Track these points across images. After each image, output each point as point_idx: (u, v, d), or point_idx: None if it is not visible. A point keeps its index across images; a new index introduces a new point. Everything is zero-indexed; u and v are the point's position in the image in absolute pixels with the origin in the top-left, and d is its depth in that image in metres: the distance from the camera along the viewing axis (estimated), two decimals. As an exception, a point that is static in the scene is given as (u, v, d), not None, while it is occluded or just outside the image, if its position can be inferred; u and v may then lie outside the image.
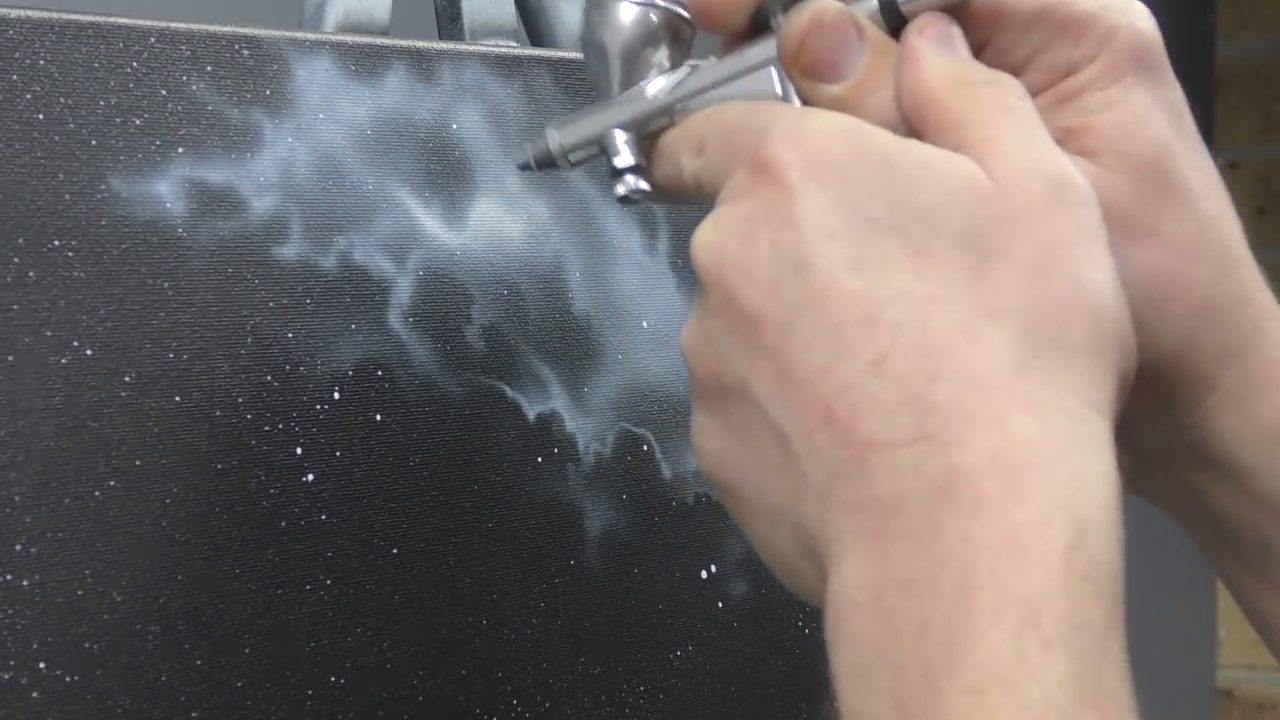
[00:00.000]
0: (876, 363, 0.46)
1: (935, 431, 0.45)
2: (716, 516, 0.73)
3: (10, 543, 0.58)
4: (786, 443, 0.47)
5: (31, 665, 0.59)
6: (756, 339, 0.48)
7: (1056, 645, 0.42)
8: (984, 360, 0.45)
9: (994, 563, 0.43)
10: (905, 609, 0.44)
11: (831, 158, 0.48)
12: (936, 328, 0.46)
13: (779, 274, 0.47)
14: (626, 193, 0.55)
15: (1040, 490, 0.44)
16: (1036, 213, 0.47)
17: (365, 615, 0.65)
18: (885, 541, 0.45)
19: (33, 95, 0.59)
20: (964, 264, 0.46)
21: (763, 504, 0.49)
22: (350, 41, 0.66)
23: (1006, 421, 0.45)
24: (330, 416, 0.65)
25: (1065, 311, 0.46)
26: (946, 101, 0.49)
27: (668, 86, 0.55)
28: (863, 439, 0.46)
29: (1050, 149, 0.48)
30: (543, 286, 0.70)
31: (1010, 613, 0.43)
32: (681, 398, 0.73)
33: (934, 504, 0.44)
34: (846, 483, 0.46)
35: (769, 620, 0.75)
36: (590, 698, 0.70)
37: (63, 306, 0.59)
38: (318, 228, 0.65)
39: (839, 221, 0.47)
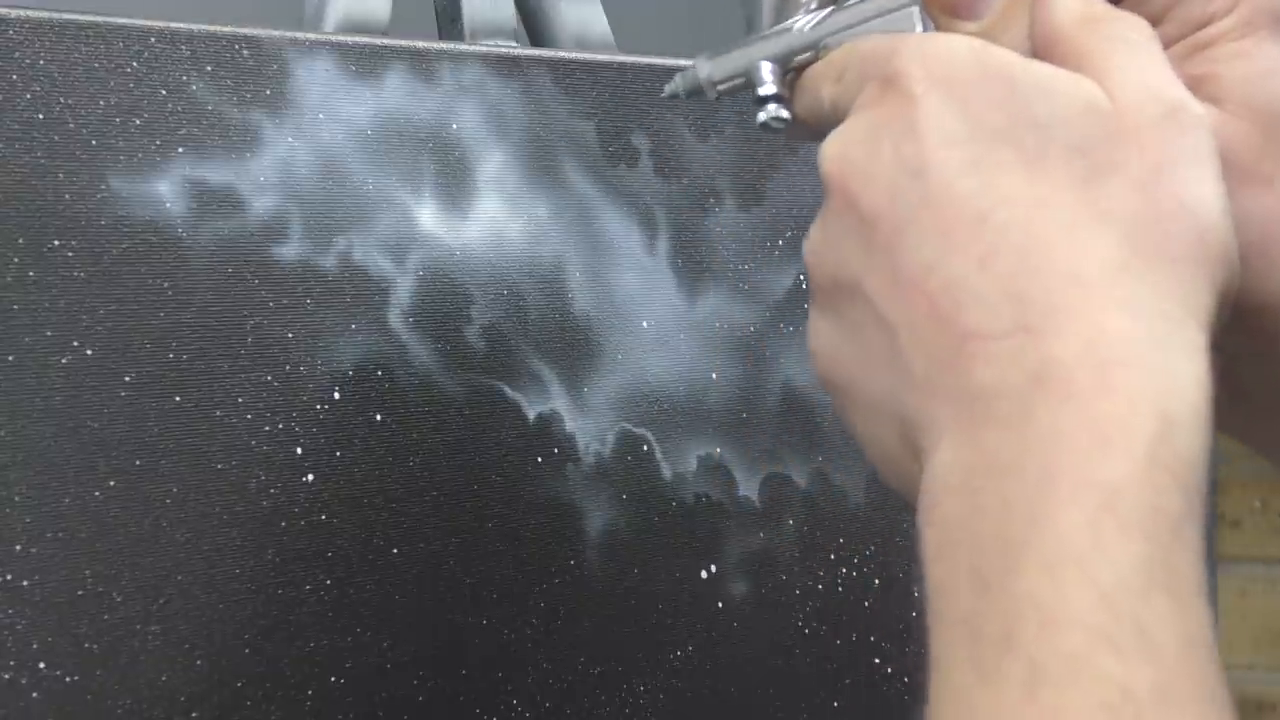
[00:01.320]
0: (982, 259, 0.48)
1: (1034, 324, 0.47)
2: (716, 516, 0.73)
3: (10, 543, 0.58)
4: (894, 336, 0.49)
5: (31, 665, 0.59)
6: (873, 239, 0.50)
7: (1132, 528, 0.44)
8: (1085, 260, 0.47)
9: (1078, 449, 0.45)
10: (991, 490, 0.46)
11: (955, 71, 0.50)
12: (1042, 228, 0.48)
13: (898, 177, 0.50)
14: (768, 119, 0.57)
15: (1129, 384, 0.46)
16: (1149, 131, 0.49)
17: (365, 615, 0.65)
18: (978, 428, 0.47)
19: (33, 95, 0.59)
20: (1075, 173, 0.49)
21: (869, 397, 0.51)
22: (350, 41, 0.66)
23: (1102, 318, 0.47)
24: (330, 416, 0.65)
25: (1169, 221, 0.48)
26: (1074, 35, 0.52)
27: (814, 22, 0.58)
28: (964, 331, 0.48)
29: (1169, 78, 0.50)
30: (543, 286, 0.70)
31: (1089, 496, 0.44)
32: (681, 398, 0.73)
33: (1027, 393, 0.46)
34: (946, 372, 0.48)
35: (769, 620, 0.75)
36: (590, 698, 0.70)
37: (63, 306, 0.59)
38: (318, 228, 0.65)
39: (958, 129, 0.49)
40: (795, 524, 0.75)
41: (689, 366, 0.73)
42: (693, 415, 0.73)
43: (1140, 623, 0.43)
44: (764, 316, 0.75)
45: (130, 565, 0.61)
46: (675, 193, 0.73)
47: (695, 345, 0.73)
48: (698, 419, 0.73)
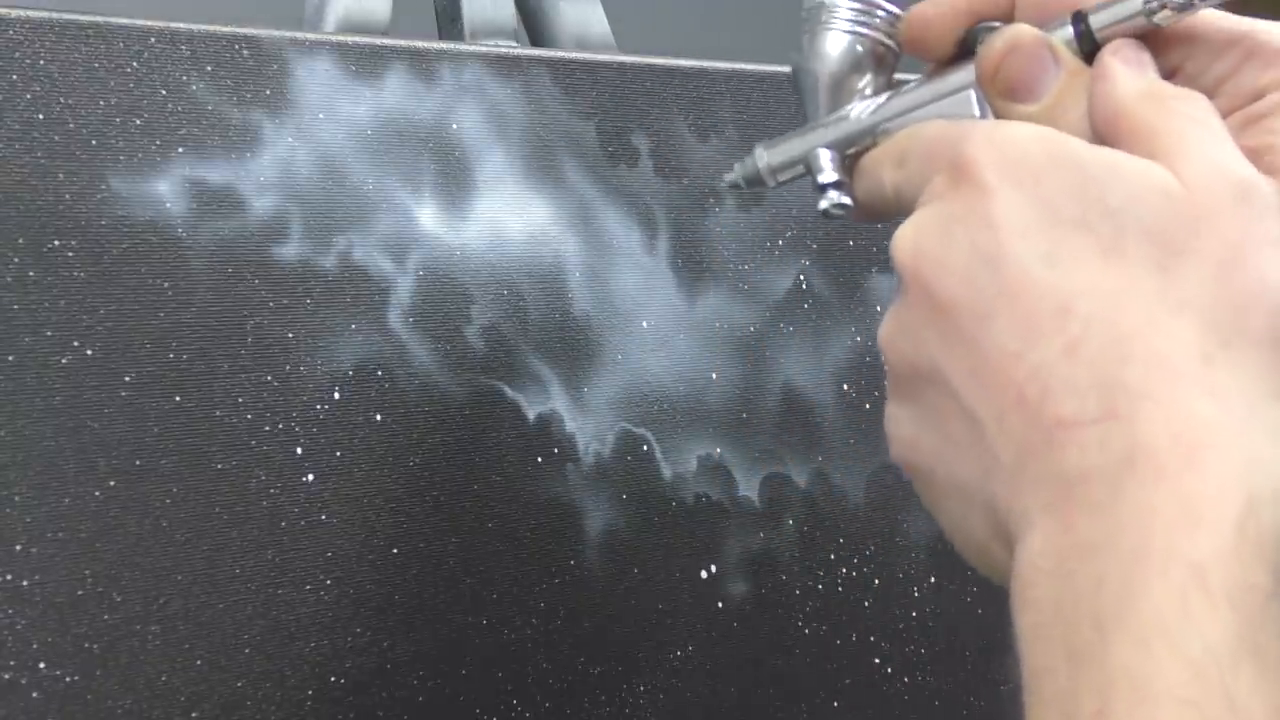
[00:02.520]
0: (1068, 349, 0.49)
1: (1121, 410, 0.48)
2: (716, 516, 0.73)
3: (10, 543, 0.58)
4: (978, 425, 0.50)
5: (31, 665, 0.59)
6: (952, 328, 0.51)
7: (1221, 602, 0.45)
8: (1169, 347, 0.48)
9: (1168, 527, 0.46)
10: (1084, 570, 0.47)
11: (1026, 160, 0.51)
12: (1125, 317, 0.49)
13: (975, 268, 0.50)
14: (829, 206, 0.58)
15: (1216, 465, 0.47)
16: (1222, 213, 0.49)
17: (365, 615, 0.65)
18: (1069, 511, 0.48)
19: (33, 95, 0.59)
20: (1151, 260, 0.49)
21: (954, 486, 0.52)
22: (350, 41, 0.66)
23: (1189, 404, 0.47)
24: (330, 416, 0.65)
25: (1248, 305, 0.49)
26: (1138, 113, 0.52)
27: (871, 108, 0.58)
28: (1053, 419, 0.48)
29: (1237, 156, 0.51)
30: (543, 286, 0.70)
31: (1180, 571, 0.45)
32: (681, 398, 0.73)
33: (1117, 476, 0.47)
34: (1036, 460, 0.48)
35: (769, 620, 0.74)
36: (590, 698, 0.70)
37: (63, 306, 0.59)
38: (318, 228, 0.65)
39: (1033, 219, 0.50)
40: (795, 524, 0.75)
41: (689, 366, 0.73)
42: (693, 415, 0.73)
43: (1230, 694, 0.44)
44: (764, 316, 0.75)
45: (130, 565, 0.61)
46: (675, 193, 0.73)
47: (695, 345, 0.73)
48: (698, 419, 0.73)
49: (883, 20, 0.59)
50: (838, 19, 0.59)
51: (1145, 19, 0.54)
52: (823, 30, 0.59)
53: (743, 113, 0.75)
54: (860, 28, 0.59)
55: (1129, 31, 0.55)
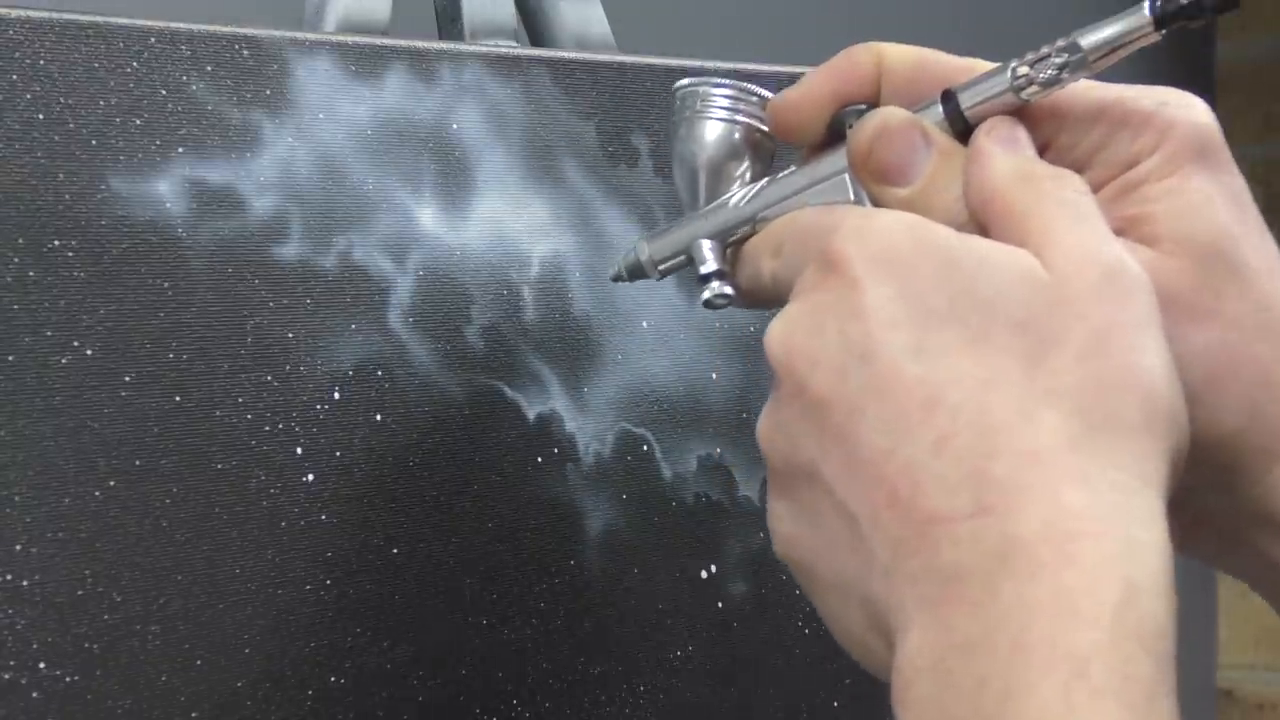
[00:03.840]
0: (937, 443, 0.48)
1: (993, 504, 0.47)
2: (716, 516, 0.73)
3: (10, 543, 0.58)
4: (854, 522, 0.50)
5: (31, 665, 0.59)
6: (825, 424, 0.50)
7: (1107, 697, 0.44)
8: (1038, 438, 0.48)
9: (1046, 621, 0.45)
10: (964, 669, 0.46)
11: (894, 252, 0.50)
12: (993, 409, 0.48)
13: (845, 362, 0.50)
14: (712, 296, 0.58)
15: (1091, 555, 0.46)
16: (1090, 300, 0.49)
17: (365, 615, 0.65)
18: (946, 608, 0.47)
19: (33, 95, 0.59)
20: (1020, 349, 0.49)
21: (834, 581, 0.52)
22: (350, 41, 0.66)
23: (1059, 494, 0.47)
24: (330, 416, 0.65)
25: (1117, 392, 0.48)
26: (1011, 196, 0.52)
27: (749, 196, 0.58)
28: (925, 515, 0.48)
29: (1107, 239, 0.50)
30: (543, 286, 0.70)
31: (1061, 666, 0.45)
32: (681, 398, 0.73)
33: (992, 571, 0.46)
34: (910, 557, 0.48)
35: (769, 620, 0.74)
36: (590, 698, 0.70)
37: (63, 306, 0.59)
38: (318, 228, 0.65)
39: (901, 312, 0.49)
40: (795, 524, 0.75)
41: (689, 366, 0.73)
42: (693, 415, 0.73)
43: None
44: (764, 316, 0.75)
45: (130, 565, 0.61)
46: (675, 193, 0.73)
47: (695, 345, 0.73)
48: (698, 419, 0.73)
49: (757, 105, 0.58)
50: (712, 106, 0.59)
51: (1014, 95, 0.54)
52: (698, 118, 0.59)
53: (743, 113, 0.75)
54: (736, 114, 0.58)
55: (1000, 109, 0.54)
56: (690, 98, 0.59)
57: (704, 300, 0.58)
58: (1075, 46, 0.53)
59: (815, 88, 0.57)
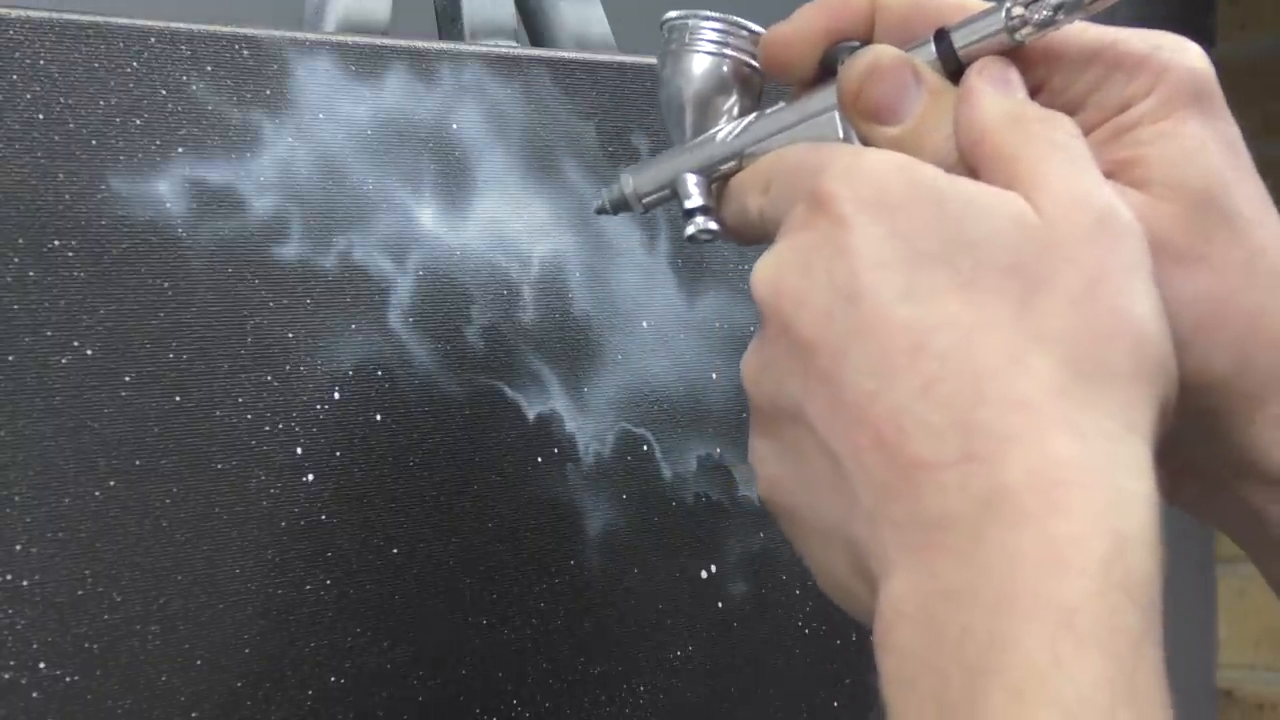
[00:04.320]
0: (924, 387, 0.47)
1: (980, 452, 0.47)
2: (716, 516, 0.73)
3: (10, 543, 0.58)
4: (838, 464, 0.49)
5: (31, 665, 0.59)
6: (810, 365, 0.50)
7: (1091, 647, 0.44)
8: (1027, 384, 0.47)
9: (1033, 571, 0.45)
10: (948, 617, 0.46)
11: (884, 192, 0.50)
12: (981, 354, 0.47)
13: (832, 303, 0.49)
14: (696, 231, 0.57)
15: (1079, 505, 0.45)
16: (1081, 244, 0.48)
17: (365, 615, 0.65)
18: (931, 555, 0.46)
19: (33, 95, 0.59)
20: (1009, 293, 0.48)
21: (816, 525, 0.51)
22: (350, 41, 0.66)
23: (1048, 441, 0.46)
24: (330, 416, 0.65)
25: (1107, 338, 0.48)
26: (1000, 137, 0.51)
27: (736, 131, 0.57)
28: (910, 460, 0.47)
29: (1098, 183, 0.50)
30: (543, 286, 0.70)
31: (1047, 617, 0.44)
32: (681, 398, 0.73)
33: (978, 519, 0.46)
34: (894, 501, 0.47)
35: (769, 620, 0.75)
36: (590, 698, 0.70)
37: (63, 306, 0.60)
38: (318, 228, 0.65)
39: (890, 253, 0.49)
40: (795, 524, 0.75)
41: (689, 366, 0.73)
42: (693, 415, 0.73)
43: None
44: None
45: (130, 565, 0.61)
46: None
47: (695, 345, 0.73)
48: (698, 419, 0.73)
49: (746, 40, 0.58)
50: (700, 39, 0.58)
51: (1008, 36, 0.53)
52: (685, 51, 0.58)
53: (743, 113, 0.75)
54: (724, 48, 0.57)
55: (993, 49, 0.54)
56: (678, 30, 0.58)
57: (688, 235, 0.57)
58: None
59: (808, 23, 0.57)
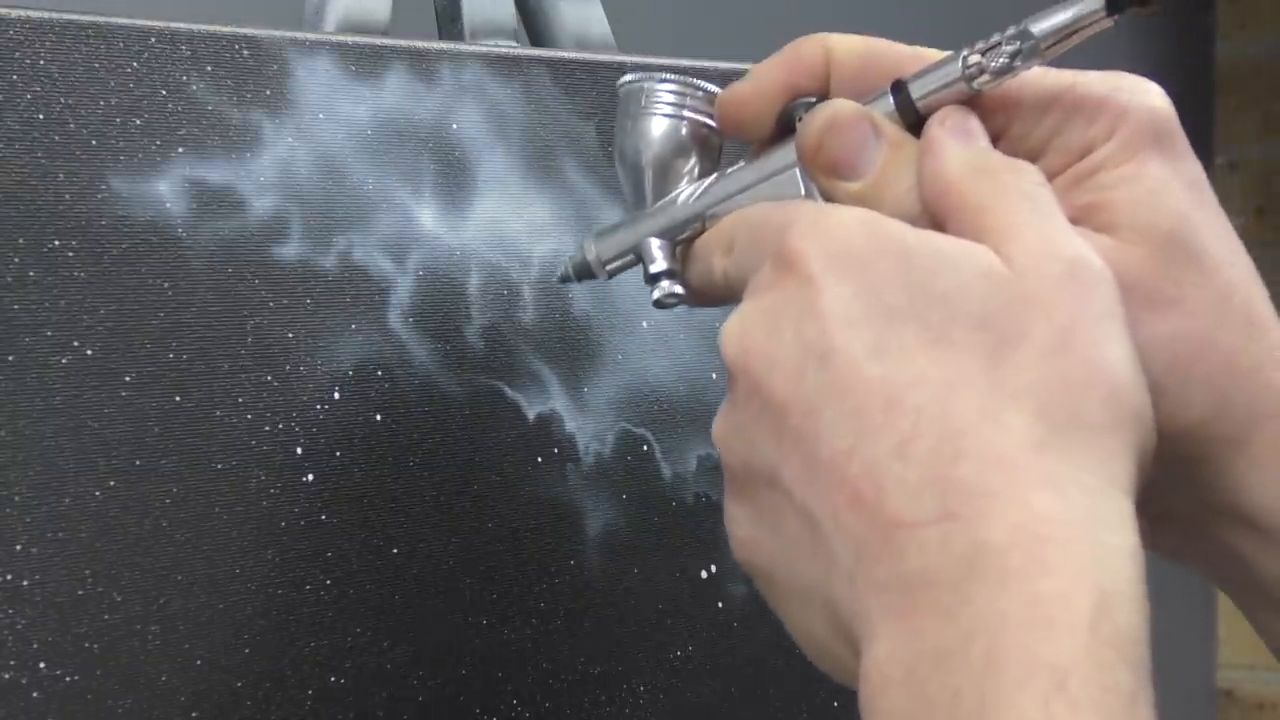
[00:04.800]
0: (900, 445, 0.47)
1: (959, 510, 0.46)
2: (716, 516, 0.73)
3: (10, 543, 0.58)
4: (815, 525, 0.48)
5: (31, 665, 0.59)
6: (783, 426, 0.49)
7: (1085, 708, 0.43)
8: (1003, 440, 0.46)
9: (1021, 631, 0.44)
10: (937, 680, 0.45)
11: (851, 249, 0.49)
12: (955, 410, 0.47)
13: (803, 362, 0.49)
14: (662, 296, 0.57)
15: (1063, 562, 0.45)
16: (1051, 295, 0.48)
17: (365, 615, 0.65)
18: (915, 617, 0.46)
19: (33, 95, 0.59)
20: (981, 347, 0.47)
21: (795, 587, 0.50)
22: (350, 41, 0.66)
23: (1027, 498, 0.46)
24: (330, 416, 0.65)
25: (1082, 390, 0.47)
26: (966, 189, 0.51)
27: (697, 193, 0.57)
28: (889, 519, 0.47)
29: (1066, 232, 0.49)
30: (543, 286, 0.70)
31: (1039, 678, 0.43)
32: (681, 398, 0.73)
33: (961, 578, 0.45)
34: (875, 562, 0.47)
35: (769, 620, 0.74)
36: (590, 698, 0.70)
37: (63, 306, 0.60)
38: (318, 228, 0.65)
39: (859, 310, 0.48)
40: (795, 524, 0.75)
41: (689, 366, 0.73)
42: (693, 415, 0.73)
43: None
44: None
45: (130, 565, 0.61)
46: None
47: (695, 345, 0.73)
48: (698, 419, 0.73)
49: (703, 100, 0.57)
50: (657, 102, 0.57)
51: (966, 85, 0.53)
52: (643, 115, 0.58)
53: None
54: (682, 110, 0.57)
55: (952, 99, 0.53)
56: (635, 94, 0.58)
57: (654, 300, 0.57)
58: (1027, 34, 0.52)
59: (763, 81, 0.56)
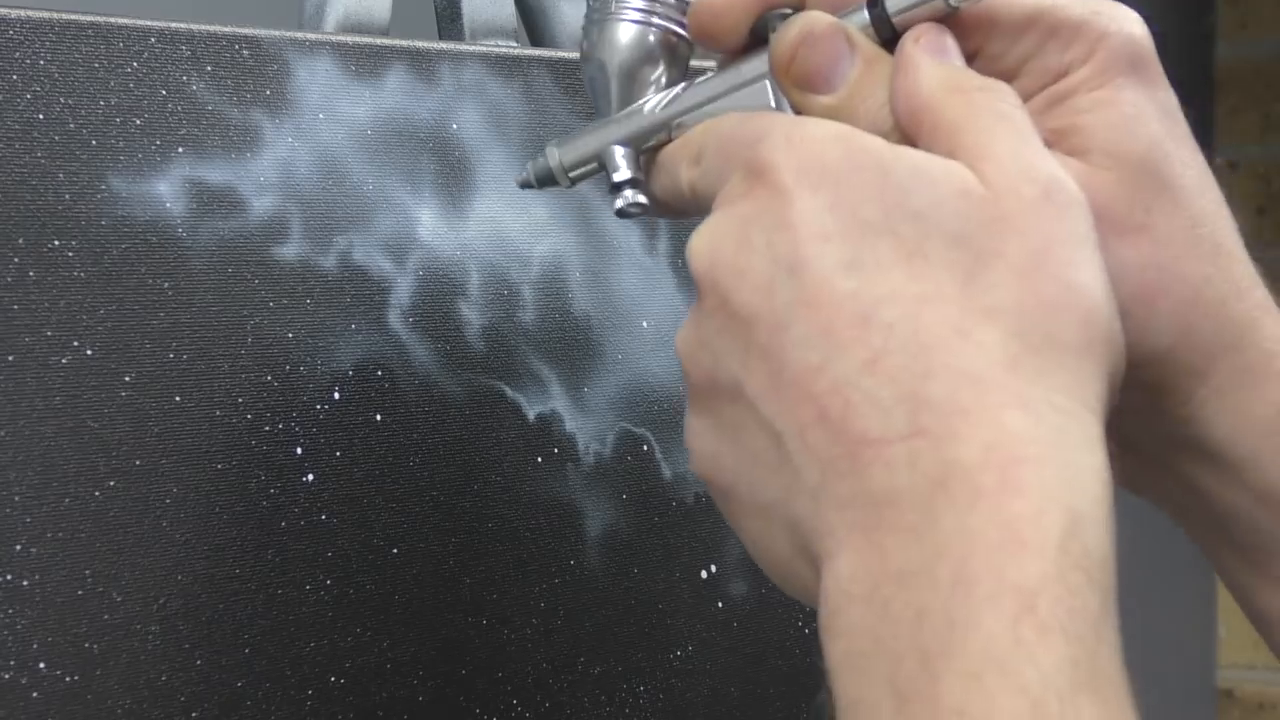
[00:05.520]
0: (869, 361, 0.46)
1: (929, 427, 0.45)
2: (716, 516, 0.73)
3: (10, 543, 0.58)
4: (779, 441, 0.48)
5: (31, 665, 0.59)
6: (750, 339, 0.48)
7: (1053, 630, 0.43)
8: (976, 357, 0.46)
9: (991, 552, 0.44)
10: (901, 599, 0.44)
11: (825, 162, 0.48)
12: (928, 326, 0.46)
13: (773, 275, 0.48)
14: (625, 206, 0.56)
15: (1035, 483, 0.44)
16: (1027, 215, 0.47)
17: (365, 615, 0.65)
18: (880, 534, 0.45)
19: (33, 95, 0.59)
20: (956, 265, 0.47)
21: (756, 503, 0.50)
22: (350, 41, 0.66)
23: (1000, 417, 0.45)
24: (330, 416, 0.65)
25: (1055, 311, 0.47)
26: (940, 107, 0.50)
27: (664, 102, 0.56)
28: (856, 436, 0.46)
29: (1042, 154, 0.49)
30: (543, 286, 0.70)
31: (1008, 599, 0.43)
32: (682, 398, 0.73)
33: (930, 497, 0.45)
34: (840, 479, 0.46)
35: (769, 620, 0.75)
36: (590, 698, 0.70)
37: (63, 306, 0.60)
38: (318, 228, 0.65)
39: (833, 224, 0.48)
40: (795, 524, 0.75)
41: (689, 366, 0.73)
42: (693, 415, 0.73)
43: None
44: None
45: (130, 565, 0.61)
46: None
47: (695, 345, 0.73)
48: (698, 419, 0.73)
49: (674, 8, 0.56)
50: (627, 9, 0.56)
51: (943, 3, 0.52)
52: (612, 21, 0.57)
53: (743, 113, 0.75)
54: (651, 17, 0.56)
55: (927, 16, 0.52)
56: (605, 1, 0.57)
57: (616, 209, 0.56)
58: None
59: None
